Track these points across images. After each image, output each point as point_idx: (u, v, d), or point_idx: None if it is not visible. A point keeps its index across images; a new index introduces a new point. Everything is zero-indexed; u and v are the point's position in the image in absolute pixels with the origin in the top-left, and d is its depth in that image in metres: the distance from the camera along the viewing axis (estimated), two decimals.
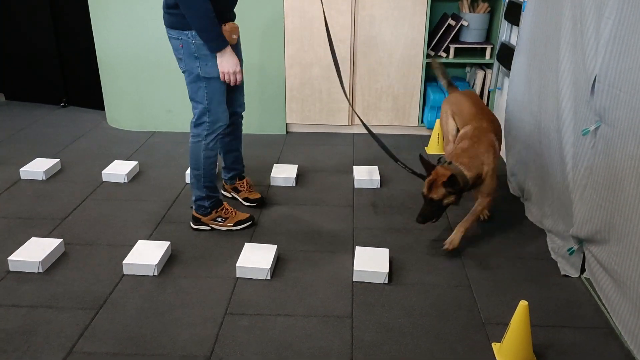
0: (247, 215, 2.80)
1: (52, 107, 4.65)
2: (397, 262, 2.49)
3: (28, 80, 4.68)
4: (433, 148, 3.84)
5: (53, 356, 1.89)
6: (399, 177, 3.41)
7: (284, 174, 3.30)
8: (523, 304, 1.83)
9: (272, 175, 3.29)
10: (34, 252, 2.42)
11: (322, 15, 3.01)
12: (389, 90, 4.01)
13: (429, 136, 4.00)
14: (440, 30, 3.93)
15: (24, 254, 2.40)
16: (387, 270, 2.34)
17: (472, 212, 2.59)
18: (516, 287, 2.32)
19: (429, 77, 4.15)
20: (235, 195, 3.03)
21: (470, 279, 2.37)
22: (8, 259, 2.38)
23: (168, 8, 2.38)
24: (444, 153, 3.11)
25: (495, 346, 1.97)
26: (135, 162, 3.41)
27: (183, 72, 2.49)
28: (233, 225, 2.74)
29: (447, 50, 3.94)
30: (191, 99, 2.53)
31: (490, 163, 2.52)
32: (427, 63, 3.89)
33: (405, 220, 2.87)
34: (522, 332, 1.85)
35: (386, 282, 2.33)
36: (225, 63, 2.39)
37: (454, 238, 2.52)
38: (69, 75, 4.57)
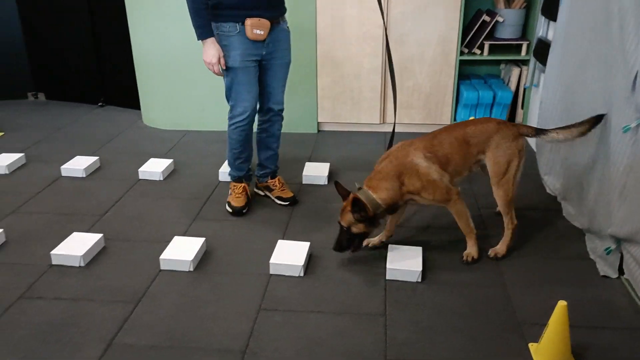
0: (243, 203, 2.93)
1: (90, 106, 4.78)
2: (430, 260, 2.48)
3: (67, 80, 4.81)
4: None
5: (94, 348, 1.95)
6: None
7: (316, 172, 3.32)
8: (562, 304, 1.80)
9: (304, 173, 3.31)
10: (76, 246, 2.50)
11: (353, 14, 3.01)
12: (421, 88, 3.98)
13: None
14: (474, 26, 3.88)
15: (66, 249, 2.48)
16: (421, 269, 2.33)
17: (461, 225, 2.45)
18: (553, 287, 2.28)
19: (462, 75, 4.11)
20: (268, 194, 3.06)
21: (506, 279, 2.34)
22: (51, 253, 2.46)
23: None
24: None
25: (532, 347, 1.94)
26: (171, 160, 3.47)
27: None
28: (228, 206, 2.93)
29: (481, 47, 3.89)
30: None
31: (413, 184, 2.31)
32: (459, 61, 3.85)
33: (439, 219, 2.85)
34: (561, 333, 1.82)
35: (419, 280, 2.33)
36: (205, 53, 2.59)
37: (471, 250, 2.46)
38: (106, 76, 4.69)
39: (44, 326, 2.06)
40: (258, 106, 2.81)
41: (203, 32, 2.56)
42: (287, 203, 3.00)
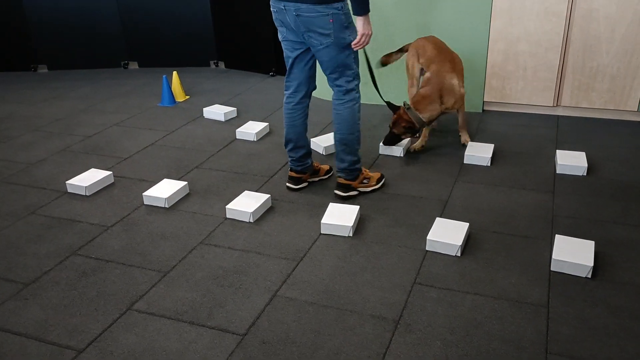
0: (379, 173, 2.98)
1: (263, 76, 5.11)
2: (603, 256, 2.28)
3: (244, 51, 5.20)
4: None
5: (261, 296, 2.13)
6: (609, 166, 3.08)
7: (479, 152, 3.20)
8: None
9: (466, 153, 3.22)
10: (247, 204, 2.72)
11: None
12: (606, 69, 3.60)
13: None
14: None
15: (239, 205, 2.72)
16: (592, 264, 2.16)
17: (461, 115, 3.39)
18: None
19: None
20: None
21: None
22: (226, 207, 2.71)
23: None
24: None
25: None
26: (332, 134, 3.58)
27: (326, 46, 2.53)
28: (376, 184, 2.90)
29: None
30: (337, 71, 2.62)
31: (450, 101, 3.18)
32: None
33: (617, 214, 2.60)
34: None
35: (589, 276, 2.15)
36: (368, 25, 2.51)
37: (465, 137, 3.41)
38: (278, 49, 4.95)
39: (220, 271, 2.30)
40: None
41: (368, 4, 2.49)
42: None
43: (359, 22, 2.51)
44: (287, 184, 2.97)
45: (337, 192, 2.84)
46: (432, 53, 3.31)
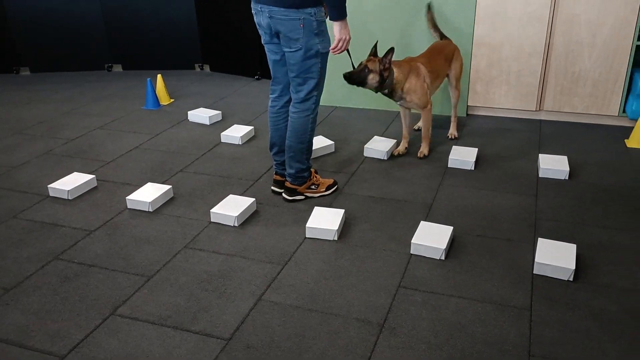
0: (332, 180, 2.97)
1: (248, 79, 5.10)
2: (585, 259, 2.31)
3: (229, 54, 5.18)
4: (635, 141, 3.43)
5: (245, 301, 2.12)
6: (591, 170, 3.12)
7: (463, 156, 3.23)
8: None
9: (450, 157, 3.24)
10: (231, 207, 2.71)
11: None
12: (588, 74, 3.66)
13: (631, 128, 3.58)
14: None
15: (223, 209, 2.70)
16: (574, 267, 2.18)
17: (423, 130, 3.34)
18: None
19: (638, 62, 3.70)
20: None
21: None
22: (211, 210, 2.70)
23: None
24: None
25: None
26: (320, 136, 3.59)
27: (295, 51, 2.52)
28: (325, 190, 2.91)
29: None
30: (300, 76, 2.59)
31: (411, 81, 3.16)
32: None
33: (598, 217, 2.64)
34: None
35: (571, 279, 2.18)
36: (345, 30, 2.50)
37: (423, 149, 3.35)
38: (263, 52, 4.94)
39: (204, 275, 2.28)
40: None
41: (345, 10, 2.47)
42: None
43: (335, 27, 2.49)
44: (272, 188, 2.97)
45: (283, 194, 2.88)
46: (425, 53, 3.43)
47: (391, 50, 3.01)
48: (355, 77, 3.01)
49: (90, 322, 2.02)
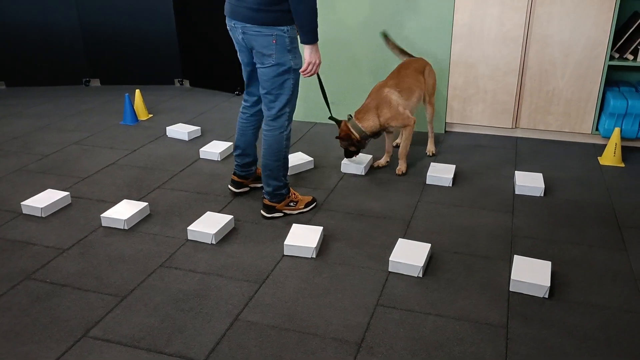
0: (311, 197, 2.97)
1: (228, 94, 5.10)
2: (560, 276, 2.33)
3: (208, 70, 5.18)
4: (608, 159, 3.51)
5: (221, 321, 2.09)
6: (565, 187, 3.18)
7: (440, 173, 3.25)
8: None
9: (428, 173, 3.26)
10: (209, 224, 2.68)
11: (494, 13, 2.89)
12: (562, 93, 3.73)
13: (604, 146, 3.66)
14: (628, 30, 3.56)
15: (201, 226, 2.68)
16: (549, 284, 2.21)
17: (401, 148, 3.35)
18: None
19: (610, 82, 3.80)
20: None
21: None
22: (188, 228, 2.67)
23: (270, 6, 2.42)
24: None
25: None
26: (299, 153, 3.59)
27: (268, 67, 2.54)
28: (304, 208, 2.90)
29: (634, 52, 3.56)
30: (271, 93, 2.61)
31: (386, 114, 3.17)
32: None
33: (572, 233, 2.67)
34: None
35: (546, 296, 2.20)
36: (316, 54, 2.52)
37: (400, 167, 3.36)
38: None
39: (180, 294, 2.25)
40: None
41: (317, 34, 2.49)
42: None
43: (306, 50, 2.51)
44: (229, 187, 3.09)
45: (261, 211, 2.88)
46: (394, 72, 3.42)
47: (347, 119, 3.21)
48: (350, 154, 3.28)
49: (62, 345, 1.97)
